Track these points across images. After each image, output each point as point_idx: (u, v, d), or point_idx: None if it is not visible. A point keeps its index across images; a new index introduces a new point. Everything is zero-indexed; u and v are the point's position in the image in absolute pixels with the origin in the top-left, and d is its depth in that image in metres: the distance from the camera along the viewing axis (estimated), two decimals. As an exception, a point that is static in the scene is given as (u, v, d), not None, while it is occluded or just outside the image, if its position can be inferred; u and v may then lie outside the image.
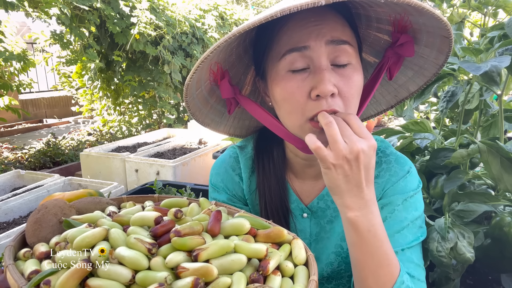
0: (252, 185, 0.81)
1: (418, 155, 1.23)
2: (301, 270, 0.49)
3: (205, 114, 0.80)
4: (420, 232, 0.71)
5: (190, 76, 0.63)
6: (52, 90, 7.71)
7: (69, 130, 5.99)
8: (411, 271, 0.66)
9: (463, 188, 1.00)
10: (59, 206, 0.57)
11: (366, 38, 0.75)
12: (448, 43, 0.61)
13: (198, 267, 0.42)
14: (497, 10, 1.14)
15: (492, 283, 1.02)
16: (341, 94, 0.62)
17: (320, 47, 0.61)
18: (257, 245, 0.48)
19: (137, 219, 0.52)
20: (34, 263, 0.47)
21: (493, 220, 0.85)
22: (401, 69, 0.71)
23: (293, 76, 0.63)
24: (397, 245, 0.67)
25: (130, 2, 3.75)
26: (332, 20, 0.63)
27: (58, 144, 4.09)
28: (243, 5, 10.52)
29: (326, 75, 0.60)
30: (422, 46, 0.66)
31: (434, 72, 0.69)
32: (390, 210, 0.70)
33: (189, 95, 0.70)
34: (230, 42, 0.64)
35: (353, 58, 0.63)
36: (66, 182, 2.19)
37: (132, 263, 0.43)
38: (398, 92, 0.74)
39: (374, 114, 0.83)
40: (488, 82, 0.79)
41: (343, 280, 0.78)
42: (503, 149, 0.84)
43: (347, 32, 0.64)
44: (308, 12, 0.62)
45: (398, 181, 0.72)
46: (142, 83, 4.32)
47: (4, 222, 1.86)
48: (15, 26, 3.63)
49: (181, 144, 3.36)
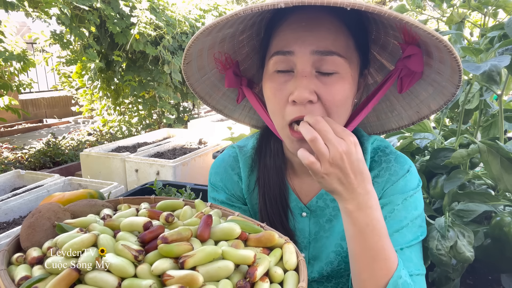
0: (251, 184, 0.80)
1: (418, 155, 1.23)
2: (290, 276, 0.49)
3: (216, 99, 0.84)
4: (420, 231, 0.71)
5: (187, 48, 0.66)
6: (52, 90, 7.71)
7: (69, 130, 5.99)
8: (411, 269, 0.66)
9: (463, 188, 1.00)
10: (53, 210, 0.57)
11: (386, 45, 0.72)
12: (455, 60, 0.56)
13: (183, 275, 0.42)
14: (497, 10, 1.14)
15: (492, 283, 1.02)
16: (322, 101, 0.62)
17: (304, 54, 0.61)
18: (245, 251, 0.48)
19: (127, 224, 0.52)
20: (25, 268, 0.47)
21: (493, 220, 0.85)
22: (422, 84, 0.69)
23: (278, 77, 0.64)
24: (396, 244, 0.67)
25: (130, 2, 3.75)
26: (325, 26, 0.62)
27: (58, 144, 4.09)
28: (243, 5, 10.51)
29: (304, 82, 0.60)
30: (437, 61, 0.62)
31: (452, 92, 0.64)
32: (389, 209, 0.70)
33: (188, 73, 0.74)
34: (232, 33, 0.69)
35: (341, 68, 0.62)
36: (66, 182, 2.19)
37: (119, 271, 0.43)
38: (419, 108, 0.72)
39: (396, 128, 0.80)
40: (488, 81, 0.79)
41: (343, 279, 0.78)
42: (503, 149, 0.84)
43: (340, 41, 0.62)
44: (303, 14, 0.62)
45: (398, 180, 0.72)
46: (142, 83, 4.32)
47: (4, 222, 1.86)
48: (15, 26, 3.63)
49: (181, 144, 3.36)
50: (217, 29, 0.64)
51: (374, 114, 0.81)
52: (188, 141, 3.42)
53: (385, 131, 0.82)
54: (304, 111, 0.61)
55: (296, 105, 0.61)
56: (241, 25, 0.69)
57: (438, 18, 1.38)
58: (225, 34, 0.69)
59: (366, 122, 0.83)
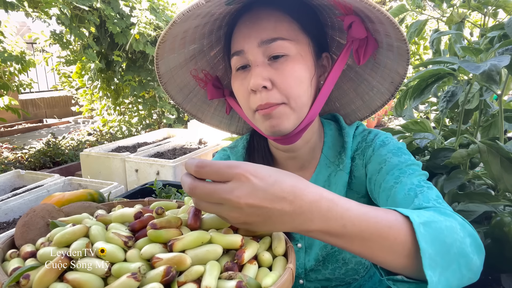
0: None
1: (418, 155, 1.23)
2: (279, 260, 0.49)
3: (210, 115, 0.89)
4: (423, 175, 0.66)
5: (156, 69, 0.73)
6: (52, 90, 7.72)
7: (69, 130, 5.99)
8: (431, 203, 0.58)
9: (463, 188, 1.00)
10: (47, 209, 0.58)
11: (334, 25, 0.76)
12: (384, 15, 0.58)
13: (171, 257, 0.43)
14: (497, 10, 1.14)
15: (492, 283, 1.02)
16: (276, 86, 0.65)
17: (253, 48, 0.66)
18: (232, 236, 0.48)
19: (118, 215, 0.53)
20: (18, 261, 0.47)
21: (493, 220, 0.85)
22: (382, 52, 0.70)
23: (239, 74, 0.69)
24: (405, 189, 0.61)
25: (130, 2, 3.75)
26: (264, 19, 0.66)
27: (58, 144, 4.09)
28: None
29: (256, 70, 0.65)
30: (378, 23, 0.63)
31: (405, 49, 0.64)
32: (380, 161, 0.70)
33: (171, 92, 0.81)
34: (199, 48, 0.77)
35: (288, 50, 0.65)
36: (66, 182, 2.19)
37: (109, 256, 0.43)
38: (392, 77, 0.74)
39: (381, 105, 0.81)
40: (487, 81, 0.79)
41: (339, 264, 0.78)
42: (503, 149, 0.84)
43: (282, 27, 0.66)
44: (248, 15, 0.68)
45: (374, 141, 0.74)
46: (142, 83, 4.32)
47: (4, 222, 1.86)
48: (15, 26, 3.63)
49: (181, 144, 3.36)
50: (171, 48, 0.71)
51: (359, 98, 0.82)
52: (188, 141, 3.42)
53: (372, 112, 0.83)
54: (263, 98, 0.65)
55: (256, 93, 0.66)
56: (204, 40, 0.76)
57: (438, 18, 1.38)
58: (190, 50, 0.76)
59: (355, 108, 0.85)
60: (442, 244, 0.47)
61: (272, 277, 0.45)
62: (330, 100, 0.87)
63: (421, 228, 0.47)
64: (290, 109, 0.66)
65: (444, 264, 0.47)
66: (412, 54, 3.84)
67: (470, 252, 0.50)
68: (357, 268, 0.78)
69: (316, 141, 0.79)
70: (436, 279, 0.45)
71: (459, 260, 0.48)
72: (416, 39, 3.09)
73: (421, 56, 3.31)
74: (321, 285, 0.81)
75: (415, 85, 1.02)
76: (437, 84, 1.00)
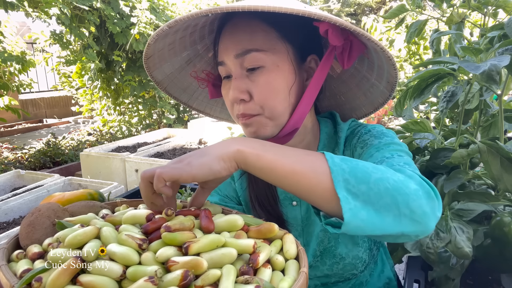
0: (244, 183, 0.83)
1: (418, 155, 1.23)
2: (292, 264, 0.49)
3: (218, 110, 0.93)
4: (402, 154, 0.65)
5: (151, 77, 0.77)
6: (52, 90, 7.71)
7: (69, 130, 5.99)
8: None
9: (463, 188, 1.00)
10: (53, 209, 0.57)
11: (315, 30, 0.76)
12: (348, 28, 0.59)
13: (188, 260, 0.42)
14: (497, 10, 1.14)
15: (492, 283, 1.02)
16: (253, 98, 0.67)
17: (230, 60, 0.67)
18: (244, 240, 0.48)
19: (129, 217, 0.52)
20: (27, 263, 0.46)
21: (493, 220, 0.85)
22: (372, 53, 0.70)
23: (225, 83, 0.72)
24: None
25: (130, 2, 3.75)
26: (241, 30, 0.66)
27: (58, 144, 4.08)
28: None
29: (234, 83, 0.67)
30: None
31: (387, 56, 0.65)
32: (363, 145, 0.71)
33: (175, 93, 0.85)
34: (193, 54, 0.81)
35: (264, 61, 0.66)
36: (66, 182, 2.19)
37: (123, 259, 0.43)
38: (388, 76, 0.74)
39: (382, 102, 0.81)
40: (487, 81, 0.79)
41: (336, 259, 0.79)
42: (503, 149, 0.84)
43: (257, 37, 0.66)
44: (229, 23, 0.68)
45: (360, 130, 0.75)
46: (142, 83, 4.32)
47: (4, 222, 1.86)
48: (15, 26, 3.63)
49: (181, 144, 3.36)
50: (161, 59, 0.75)
51: (362, 93, 0.83)
52: (188, 141, 3.42)
53: (376, 108, 0.83)
54: (241, 109, 0.68)
55: (236, 104, 0.69)
56: (197, 45, 0.78)
57: (438, 18, 1.38)
58: (184, 57, 0.77)
59: (359, 103, 0.85)
60: (364, 174, 0.51)
61: (288, 281, 0.45)
62: (335, 94, 0.88)
63: (336, 159, 0.52)
64: (266, 119, 0.68)
65: (369, 194, 0.49)
66: (412, 54, 3.84)
67: (412, 193, 0.50)
68: (355, 263, 0.78)
69: (310, 140, 0.79)
70: (353, 205, 0.49)
71: (395, 196, 0.49)
72: (416, 39, 3.09)
73: (421, 56, 3.31)
74: (320, 282, 0.82)
75: (415, 85, 1.02)
76: (437, 84, 1.00)
